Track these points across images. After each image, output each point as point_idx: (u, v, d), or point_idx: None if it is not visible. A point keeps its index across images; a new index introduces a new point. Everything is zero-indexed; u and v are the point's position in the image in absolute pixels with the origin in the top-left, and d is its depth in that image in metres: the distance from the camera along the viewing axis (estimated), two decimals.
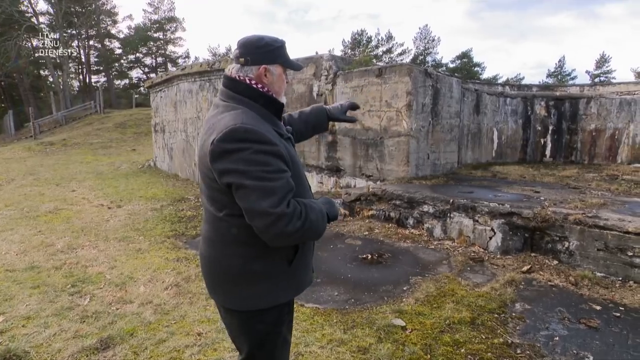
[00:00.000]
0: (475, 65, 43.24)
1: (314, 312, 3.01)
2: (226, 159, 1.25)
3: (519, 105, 9.09)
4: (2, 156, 15.83)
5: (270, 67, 1.43)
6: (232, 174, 1.25)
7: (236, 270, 1.40)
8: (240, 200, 1.27)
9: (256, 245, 1.34)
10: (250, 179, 1.23)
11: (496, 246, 4.29)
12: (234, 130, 1.25)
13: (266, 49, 1.42)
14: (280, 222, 1.23)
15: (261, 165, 1.25)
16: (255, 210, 1.24)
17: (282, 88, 1.49)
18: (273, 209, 1.22)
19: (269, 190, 1.23)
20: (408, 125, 6.12)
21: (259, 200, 1.22)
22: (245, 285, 1.40)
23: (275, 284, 1.42)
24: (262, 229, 1.25)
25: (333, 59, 7.36)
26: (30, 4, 30.35)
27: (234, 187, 1.26)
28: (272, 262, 1.41)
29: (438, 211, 4.85)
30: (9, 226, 5.88)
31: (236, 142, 1.24)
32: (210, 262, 1.46)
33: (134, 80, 43.95)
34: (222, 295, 1.47)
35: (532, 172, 7.37)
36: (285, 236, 1.27)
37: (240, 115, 1.31)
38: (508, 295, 3.21)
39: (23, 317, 3.06)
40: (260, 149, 1.25)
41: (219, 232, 1.41)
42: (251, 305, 1.41)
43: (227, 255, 1.41)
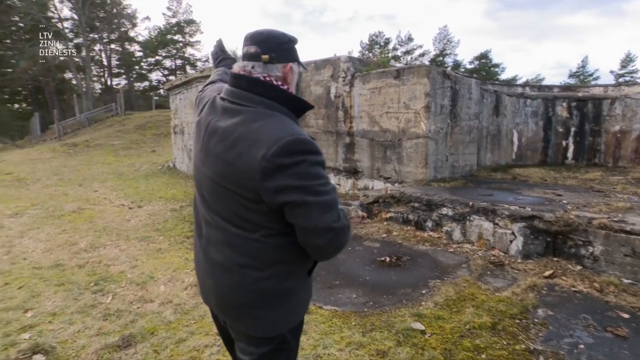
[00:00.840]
0: (494, 66, 42.65)
1: (332, 315, 3.01)
2: (282, 175, 1.13)
3: (540, 106, 8.93)
4: (29, 157, 16.30)
5: (293, 66, 1.32)
6: (291, 192, 1.14)
7: (271, 292, 1.28)
8: (298, 219, 1.18)
9: (290, 262, 1.29)
10: (311, 195, 1.15)
11: (517, 250, 4.22)
12: (291, 143, 1.14)
13: (289, 45, 1.32)
14: (341, 235, 1.20)
15: (318, 178, 1.17)
16: (318, 227, 1.17)
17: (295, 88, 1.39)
18: (336, 224, 1.18)
19: (328, 204, 1.17)
20: (426, 127, 6.07)
21: (321, 216, 1.16)
22: (281, 306, 1.30)
23: (303, 298, 1.37)
24: (323, 245, 1.19)
25: (350, 60, 7.36)
26: (56, 10, 31.24)
27: (292, 205, 1.16)
28: (301, 276, 1.35)
29: (457, 214, 4.79)
30: (36, 225, 6.04)
31: (294, 155, 1.13)
32: (235, 290, 1.30)
33: (153, 83, 44.73)
34: (252, 322, 1.32)
35: (553, 174, 7.23)
36: (341, 248, 1.24)
37: (287, 124, 1.20)
38: (530, 301, 3.15)
39: (49, 314, 3.15)
40: (314, 161, 1.17)
41: (250, 255, 1.27)
42: (284, 325, 1.33)
43: (261, 278, 1.27)
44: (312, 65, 7.97)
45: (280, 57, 1.28)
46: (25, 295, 3.50)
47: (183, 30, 42.81)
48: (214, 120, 1.29)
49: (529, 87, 14.04)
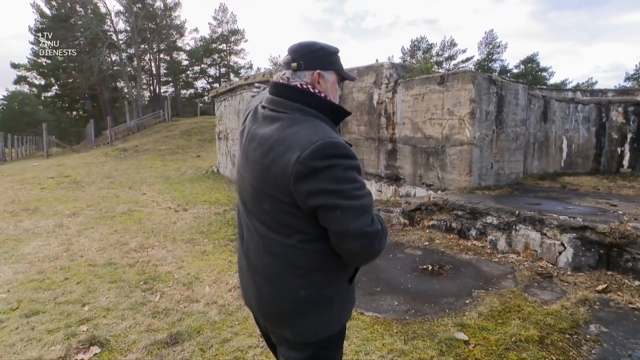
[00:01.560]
0: (542, 70, 41.01)
1: (373, 321, 3.00)
2: (315, 178, 1.14)
3: (592, 111, 8.51)
4: (84, 161, 17.35)
5: (324, 73, 1.33)
6: (323, 196, 1.15)
7: (313, 299, 1.29)
8: (331, 223, 1.18)
9: (329, 269, 1.29)
10: (344, 199, 1.15)
11: (566, 262, 4.04)
12: (325, 146, 1.15)
13: (320, 53, 1.34)
14: (375, 240, 1.20)
15: (351, 182, 1.17)
16: (351, 231, 1.17)
17: (335, 97, 1.37)
18: (369, 228, 1.18)
19: (362, 209, 1.17)
20: (471, 134, 5.94)
21: (355, 220, 1.16)
22: (322, 312, 1.31)
23: (344, 306, 1.37)
24: (357, 250, 1.19)
25: (394, 67, 7.34)
26: (112, 24, 33.21)
27: (325, 209, 1.17)
28: (341, 284, 1.35)
29: (502, 223, 4.65)
30: (90, 225, 6.43)
31: (327, 158, 1.14)
32: (276, 298, 1.32)
33: (198, 90, 46.41)
34: (297, 329, 1.33)
35: (606, 183, 6.86)
36: (376, 254, 1.23)
37: (321, 129, 1.22)
38: (581, 315, 3.00)
39: (104, 309, 3.35)
40: (348, 165, 1.18)
41: (289, 262, 1.28)
42: (324, 331, 1.33)
43: (302, 285, 1.28)
44: (354, 72, 8.00)
45: (308, 64, 1.31)
46: (82, 290, 3.74)
47: (228, 40, 44.19)
48: (254, 128, 1.33)
49: (580, 91, 13.40)
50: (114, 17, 33.35)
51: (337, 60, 1.38)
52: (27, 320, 3.14)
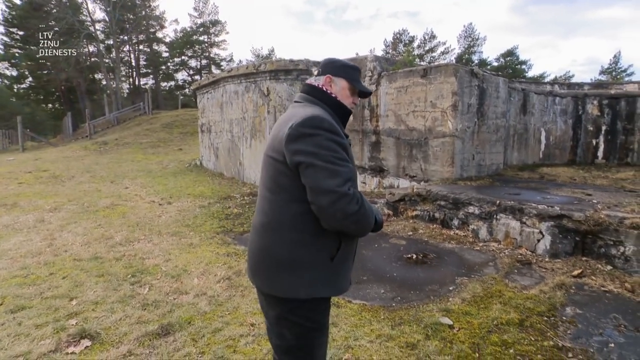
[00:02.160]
0: (521, 63, 41.69)
1: (361, 308, 3.09)
2: (301, 141, 1.40)
3: (569, 104, 8.75)
4: (63, 155, 16.96)
5: (334, 78, 1.64)
6: (304, 154, 1.39)
7: (284, 257, 1.48)
8: (307, 178, 1.40)
9: (306, 232, 1.46)
10: (320, 160, 1.38)
11: (544, 249, 4.20)
12: (312, 118, 1.43)
13: (335, 65, 1.68)
14: (343, 200, 1.36)
15: (331, 150, 1.40)
16: (322, 187, 1.37)
17: (345, 101, 1.65)
18: (338, 188, 1.36)
19: (335, 172, 1.37)
20: (453, 126, 6.07)
21: (327, 179, 1.36)
22: (289, 272, 1.48)
23: (317, 276, 1.49)
24: (326, 206, 1.37)
25: (377, 59, 7.40)
26: (89, 14, 32.26)
27: (304, 165, 1.39)
28: (317, 253, 1.48)
29: (484, 212, 4.79)
30: (73, 219, 6.34)
31: (313, 127, 1.41)
32: (260, 249, 1.55)
33: (179, 82, 45.64)
34: (265, 280, 1.54)
35: (582, 174, 7.10)
36: (345, 215, 1.38)
37: (318, 109, 1.52)
38: (558, 299, 3.16)
39: (92, 302, 3.34)
40: (331, 138, 1.42)
41: (274, 217, 1.51)
42: (291, 293, 1.48)
43: (278, 241, 1.49)
44: None
45: (325, 71, 1.66)
46: (69, 284, 3.72)
47: (209, 31, 43.49)
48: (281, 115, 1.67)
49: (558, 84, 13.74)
50: (91, 7, 32.48)
51: (349, 72, 1.67)
52: (14, 316, 3.12)
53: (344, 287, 1.60)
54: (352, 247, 1.61)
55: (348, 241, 1.56)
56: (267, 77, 9.14)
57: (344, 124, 1.64)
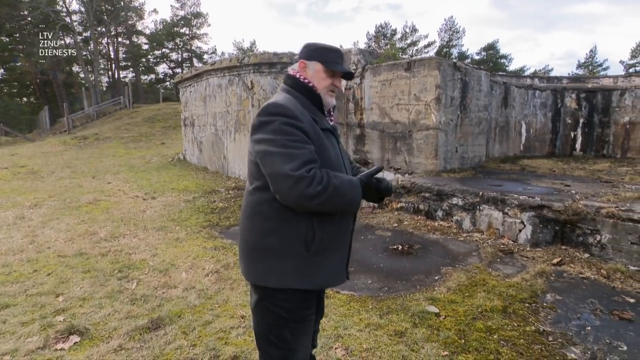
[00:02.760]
0: (502, 57, 42.36)
1: (349, 299, 3.15)
2: (259, 130, 1.45)
3: (549, 97, 8.97)
4: (41, 150, 16.55)
5: (307, 62, 1.61)
6: (262, 142, 1.42)
7: (254, 244, 1.52)
8: (265, 167, 1.42)
9: (273, 219, 1.47)
10: (276, 146, 1.39)
11: (526, 239, 4.33)
12: (269, 105, 1.46)
13: (309, 48, 1.64)
14: (300, 183, 1.34)
15: (285, 134, 1.40)
16: (277, 173, 1.37)
17: (321, 84, 1.60)
18: (293, 172, 1.34)
19: (290, 155, 1.37)
20: (437, 119, 6.16)
21: (282, 164, 1.36)
22: (259, 260, 1.51)
23: (288, 266, 1.47)
24: (284, 192, 1.37)
25: (361, 53, 7.43)
26: (65, 4, 31.35)
27: (262, 154, 1.42)
28: (286, 240, 1.47)
29: (467, 204, 4.90)
30: (55, 216, 6.23)
31: (269, 114, 1.44)
32: (240, 237, 1.62)
33: (160, 76, 44.88)
34: (242, 266, 1.60)
35: (561, 165, 7.31)
36: (307, 198, 1.36)
37: (279, 97, 1.53)
38: (539, 286, 3.27)
39: (79, 298, 3.31)
40: (286, 122, 1.41)
41: (249, 205, 1.55)
42: (262, 280, 1.50)
43: (250, 227, 1.54)
44: None
45: (299, 56, 1.65)
46: (54, 281, 3.67)
47: (190, 23, 42.80)
48: None
49: (537, 78, 14.02)
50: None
51: (324, 54, 1.62)
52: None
53: (326, 282, 1.56)
54: (336, 238, 1.54)
55: (328, 231, 1.49)
56: (250, 70, 9.08)
57: (320, 108, 1.61)
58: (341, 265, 1.62)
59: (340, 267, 1.62)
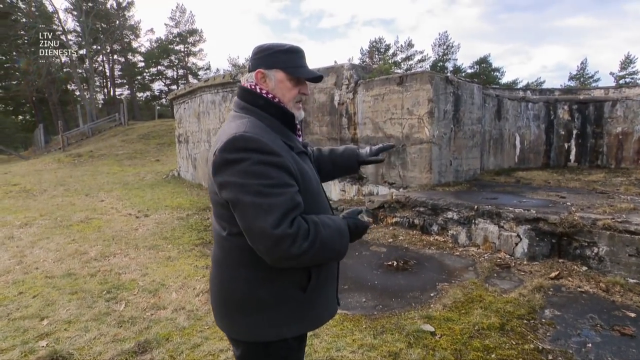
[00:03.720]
0: (495, 70, 42.91)
1: (343, 318, 3.06)
2: (225, 171, 1.16)
3: (542, 109, 9.01)
4: (35, 168, 16.45)
5: (267, 72, 1.32)
6: (230, 188, 1.15)
7: (240, 296, 1.28)
8: (238, 219, 1.17)
9: (261, 267, 1.23)
10: (248, 194, 1.12)
11: (522, 252, 4.27)
12: (236, 139, 1.16)
13: (265, 53, 1.34)
14: (282, 244, 1.11)
15: (260, 177, 1.14)
16: (253, 230, 1.13)
17: (287, 96, 1.34)
18: (273, 230, 1.10)
19: (267, 207, 1.11)
20: (430, 133, 6.14)
21: (257, 218, 1.11)
22: (250, 313, 1.27)
23: (285, 314, 1.28)
24: (264, 252, 1.15)
25: (354, 68, 7.46)
26: (60, 23, 31.58)
27: (231, 203, 1.16)
28: (281, 288, 1.27)
29: (462, 218, 4.84)
30: (45, 235, 6.12)
31: (236, 151, 1.15)
32: (216, 286, 1.35)
33: (155, 93, 45.09)
34: (228, 323, 1.34)
35: (556, 177, 7.28)
36: (292, 259, 1.14)
37: (244, 124, 1.23)
38: (537, 302, 3.19)
39: (65, 321, 3.21)
40: (261, 160, 1.15)
41: (224, 253, 1.31)
42: (257, 335, 1.28)
43: (232, 278, 1.29)
44: None
45: (254, 65, 1.35)
46: (39, 304, 3.57)
47: (185, 40, 43.19)
48: None
49: (530, 90, 14.12)
50: (63, 16, 31.80)
51: (284, 58, 1.33)
52: None
53: (322, 317, 1.39)
54: (329, 271, 1.40)
55: (324, 268, 1.35)
56: None
57: (291, 128, 1.36)
58: (333, 294, 1.46)
59: (333, 296, 1.46)
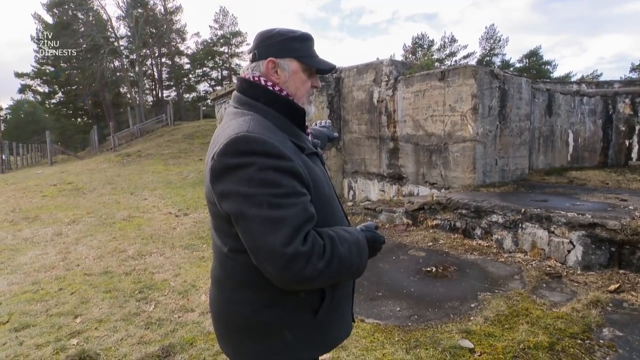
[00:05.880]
0: (545, 64, 40.54)
1: (374, 329, 2.87)
2: (226, 179, 0.98)
3: (598, 104, 8.31)
4: (87, 167, 17.34)
5: (279, 61, 1.15)
6: (232, 199, 0.97)
7: (243, 319, 1.12)
8: (242, 235, 1.00)
9: (268, 289, 1.06)
10: (254, 206, 0.94)
11: (576, 261, 3.88)
12: (238, 141, 0.98)
13: (275, 39, 1.16)
14: (295, 264, 0.93)
15: (269, 186, 0.95)
16: (261, 249, 0.95)
17: (300, 90, 1.19)
18: (284, 248, 0.92)
19: (277, 220, 0.94)
20: (474, 130, 5.79)
21: (266, 235, 0.93)
22: (255, 339, 1.12)
23: (294, 339, 1.13)
24: (274, 274, 0.97)
25: (393, 64, 7.20)
26: (113, 30, 33.28)
27: (233, 216, 0.99)
28: (289, 312, 1.11)
29: (508, 221, 4.50)
30: (89, 232, 6.34)
31: (239, 155, 0.97)
32: (217, 307, 1.21)
33: (201, 94, 46.37)
34: (232, 348, 1.19)
35: (615, 177, 6.68)
36: (305, 282, 0.97)
37: (247, 123, 1.05)
38: (593, 318, 2.85)
39: (96, 320, 3.24)
40: (268, 165, 0.97)
41: (226, 271, 1.15)
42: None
43: (235, 300, 1.14)
44: (354, 70, 7.88)
45: (262, 53, 1.16)
46: (76, 301, 3.64)
47: (229, 42, 44.16)
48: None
49: (585, 84, 13.16)
50: (115, 23, 33.48)
51: (300, 46, 1.17)
52: (16, 335, 3.04)
53: (337, 338, 1.24)
54: (347, 286, 1.25)
55: (339, 287, 1.19)
56: None
57: (302, 127, 1.19)
58: (348, 310, 1.29)
59: (348, 313, 1.29)
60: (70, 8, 32.18)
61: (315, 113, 8.08)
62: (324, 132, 1.82)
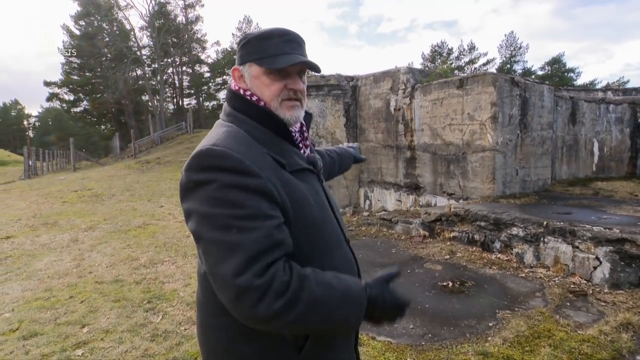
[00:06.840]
0: (569, 71, 39.61)
1: (385, 347, 2.74)
2: (190, 196, 0.90)
3: (626, 111, 8.00)
4: (108, 174, 17.65)
5: (241, 68, 1.07)
6: (193, 218, 0.89)
7: (222, 349, 1.02)
8: (200, 259, 0.93)
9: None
10: (211, 229, 0.85)
11: (602, 278, 3.67)
12: (201, 155, 0.90)
13: (241, 44, 1.08)
14: (245, 298, 0.81)
15: (229, 206, 0.85)
16: (215, 276, 0.86)
17: (266, 95, 1.03)
18: (234, 278, 0.81)
19: (232, 246, 0.83)
20: (493, 139, 5.60)
21: (219, 262, 0.84)
22: None
23: None
24: (227, 306, 0.86)
25: (410, 71, 7.08)
26: (136, 40, 34.12)
27: (194, 237, 0.90)
28: (266, 347, 0.98)
29: (529, 235, 4.30)
30: (104, 239, 6.38)
31: (201, 171, 0.89)
32: (199, 332, 1.12)
33: (221, 102, 46.97)
34: None
35: None
36: (261, 322, 0.84)
37: (218, 135, 0.96)
38: (624, 343, 2.65)
39: (103, 330, 3.20)
40: (232, 182, 0.87)
41: (205, 295, 1.05)
42: None
43: (214, 326, 1.04)
44: (370, 79, 7.79)
45: (237, 61, 1.09)
46: (84, 309, 3.62)
47: None
48: None
49: (611, 91, 12.75)
50: (138, 33, 34.31)
51: (258, 48, 1.04)
52: (24, 343, 3.02)
53: None
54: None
55: None
56: None
57: (283, 136, 1.05)
58: (349, 349, 1.13)
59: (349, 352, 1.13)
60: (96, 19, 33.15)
61: (331, 122, 8.01)
62: (350, 152, 1.75)
